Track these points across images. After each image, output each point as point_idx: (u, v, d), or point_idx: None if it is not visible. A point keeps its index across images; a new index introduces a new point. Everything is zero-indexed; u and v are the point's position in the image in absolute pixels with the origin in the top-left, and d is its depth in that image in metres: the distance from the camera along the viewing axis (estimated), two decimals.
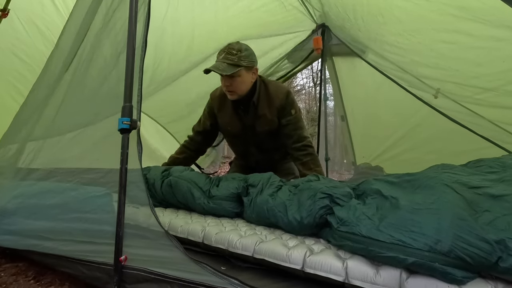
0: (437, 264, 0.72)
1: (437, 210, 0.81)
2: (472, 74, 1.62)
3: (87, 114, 1.29)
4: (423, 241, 0.75)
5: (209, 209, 1.33)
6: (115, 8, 1.19)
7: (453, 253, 0.72)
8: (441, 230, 0.75)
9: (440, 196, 0.85)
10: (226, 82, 1.62)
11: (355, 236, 0.86)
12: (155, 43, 2.12)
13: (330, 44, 2.62)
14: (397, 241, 0.78)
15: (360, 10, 1.97)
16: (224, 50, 1.61)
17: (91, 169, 1.21)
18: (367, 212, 0.90)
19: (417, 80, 1.95)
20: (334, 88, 2.96)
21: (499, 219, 0.78)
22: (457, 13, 1.46)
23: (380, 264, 0.81)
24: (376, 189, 0.98)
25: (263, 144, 1.87)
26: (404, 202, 0.86)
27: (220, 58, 1.59)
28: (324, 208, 1.01)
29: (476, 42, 1.52)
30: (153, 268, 0.91)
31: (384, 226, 0.82)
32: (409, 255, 0.75)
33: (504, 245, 0.72)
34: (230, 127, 1.83)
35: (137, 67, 1.05)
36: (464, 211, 0.80)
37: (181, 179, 1.44)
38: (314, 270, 0.86)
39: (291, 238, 1.05)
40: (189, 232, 1.17)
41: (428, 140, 2.30)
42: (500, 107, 1.60)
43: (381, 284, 0.77)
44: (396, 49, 1.95)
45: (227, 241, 1.05)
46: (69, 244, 1.12)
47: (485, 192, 0.88)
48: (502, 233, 0.74)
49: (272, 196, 1.18)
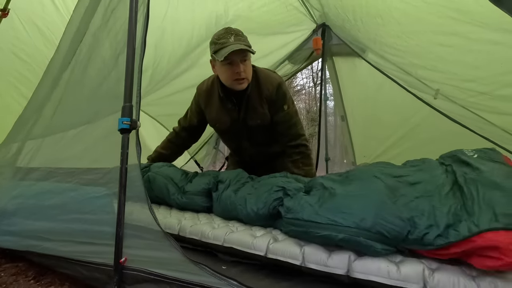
0: (361, 238, 0.86)
1: (364, 195, 0.96)
2: (469, 77, 1.63)
3: (86, 113, 1.30)
4: (351, 220, 0.89)
5: (182, 204, 1.42)
6: (114, 8, 1.19)
7: (374, 228, 0.86)
8: (365, 210, 0.90)
9: (369, 185, 1.01)
10: (240, 68, 1.45)
11: (298, 221, 0.98)
12: (155, 42, 2.12)
13: (330, 44, 2.62)
14: (331, 221, 0.91)
15: (359, 11, 1.97)
16: (228, 33, 1.44)
17: (90, 170, 1.22)
18: (310, 201, 1.02)
19: (417, 81, 1.95)
20: (334, 88, 2.96)
21: (412, 202, 0.93)
22: (455, 15, 1.46)
23: (333, 249, 0.92)
24: (320, 183, 1.10)
25: (256, 138, 1.74)
26: (340, 191, 1.00)
27: (233, 40, 1.42)
28: (278, 200, 1.12)
29: (473, 45, 1.52)
30: (153, 268, 0.92)
31: (322, 210, 0.96)
32: (340, 232, 0.88)
33: (413, 221, 0.87)
34: (218, 124, 1.71)
35: (136, 67, 1.05)
36: (386, 196, 0.95)
37: (158, 174, 1.53)
38: (275, 256, 0.96)
39: (260, 230, 1.14)
40: (166, 225, 1.24)
41: (428, 140, 2.31)
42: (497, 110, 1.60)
43: (332, 266, 0.88)
44: (395, 51, 1.95)
45: (200, 232, 1.14)
46: (69, 245, 1.12)
47: (405, 180, 1.03)
48: (412, 212, 0.89)
49: (235, 192, 1.28)
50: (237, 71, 1.46)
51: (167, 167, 1.63)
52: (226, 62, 1.44)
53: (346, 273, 0.86)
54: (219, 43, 1.43)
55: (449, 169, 1.06)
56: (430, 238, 0.83)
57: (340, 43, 2.51)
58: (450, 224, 0.83)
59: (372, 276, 0.82)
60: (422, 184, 0.99)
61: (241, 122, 1.66)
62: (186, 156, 3.22)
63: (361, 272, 0.84)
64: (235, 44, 1.40)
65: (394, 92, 2.24)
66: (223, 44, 1.42)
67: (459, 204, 0.88)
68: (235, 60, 1.44)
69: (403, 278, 0.79)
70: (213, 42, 1.47)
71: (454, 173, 1.01)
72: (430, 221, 0.85)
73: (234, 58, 1.43)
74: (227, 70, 1.48)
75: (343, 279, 0.86)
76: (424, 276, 0.78)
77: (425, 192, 0.95)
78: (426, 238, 0.83)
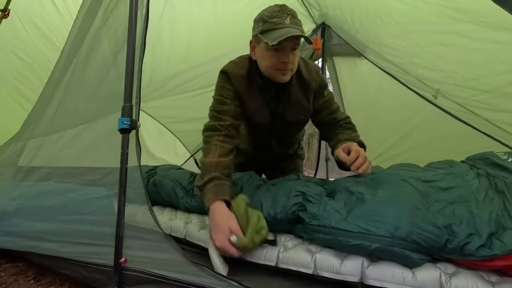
0: (397, 248, 0.81)
1: (397, 201, 0.91)
2: (470, 76, 1.62)
3: (85, 113, 1.30)
4: (385, 228, 0.84)
5: (191, 207, 1.38)
6: (113, 8, 1.20)
7: (410, 237, 0.81)
8: (399, 218, 0.85)
9: (399, 190, 0.96)
10: (288, 58, 1.21)
11: (326, 228, 0.93)
12: (152, 42, 2.09)
13: (330, 44, 2.62)
14: (362, 229, 0.86)
15: (357, 12, 1.96)
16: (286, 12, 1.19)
17: (90, 170, 1.22)
18: (336, 206, 0.97)
19: (417, 81, 1.95)
20: (334, 88, 2.96)
21: (447, 208, 0.88)
22: (456, 15, 1.45)
23: (345, 255, 0.89)
24: (344, 186, 1.06)
25: (287, 136, 1.55)
26: (369, 196, 0.96)
27: (288, 23, 1.17)
28: (297, 205, 1.06)
29: (474, 44, 1.51)
30: (153, 269, 0.91)
31: (351, 217, 0.91)
32: (373, 241, 0.83)
33: (450, 229, 0.82)
34: (258, 116, 1.39)
35: (136, 67, 1.05)
36: (418, 201, 0.90)
37: (165, 178, 1.50)
38: (286, 265, 0.94)
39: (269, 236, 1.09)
40: (171, 228, 1.22)
41: (428, 140, 2.30)
42: (499, 109, 1.60)
43: (345, 273, 0.85)
44: (394, 51, 1.94)
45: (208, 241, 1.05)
46: (69, 245, 1.12)
47: (436, 185, 0.99)
48: (448, 219, 0.84)
49: (249, 195, 1.21)
50: (285, 60, 1.21)
51: (174, 170, 1.62)
52: (273, 47, 1.18)
53: (360, 280, 0.83)
54: (271, 22, 1.17)
55: (481, 172, 1.01)
56: (471, 248, 0.78)
57: (340, 43, 2.51)
58: (493, 233, 0.79)
59: (387, 283, 0.80)
60: (456, 189, 0.94)
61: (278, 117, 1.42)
62: (186, 155, 3.21)
63: (375, 279, 0.81)
64: (292, 28, 1.15)
65: (394, 92, 2.24)
66: (277, 25, 1.16)
67: (499, 210, 0.84)
68: (285, 47, 1.19)
69: (419, 284, 0.77)
70: (263, 19, 1.20)
71: (487, 176, 0.97)
72: (470, 229, 0.80)
73: (285, 44, 1.17)
74: (272, 57, 1.22)
75: (357, 285, 0.84)
76: (441, 282, 0.75)
77: (460, 197, 0.91)
78: (467, 248, 0.78)
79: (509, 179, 0.92)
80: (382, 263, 0.83)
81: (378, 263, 0.84)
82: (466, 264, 0.81)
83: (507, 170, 0.96)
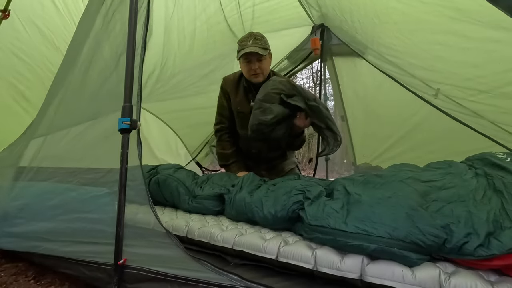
0: (395, 249, 0.82)
1: (394, 203, 0.92)
2: (468, 75, 1.62)
3: (86, 112, 1.30)
4: (383, 230, 0.85)
5: (192, 208, 1.41)
6: (115, 10, 1.20)
7: (408, 238, 0.82)
8: (397, 219, 0.86)
9: (396, 191, 0.97)
10: (255, 65, 1.80)
11: (325, 228, 0.94)
12: (163, 42, 2.10)
13: (330, 44, 2.62)
14: (361, 231, 0.87)
15: (356, 12, 1.96)
16: (250, 37, 1.80)
17: (91, 169, 1.22)
18: (334, 207, 0.99)
19: (416, 81, 1.95)
20: (334, 88, 2.96)
21: (445, 207, 0.89)
22: (453, 14, 1.45)
23: (345, 253, 0.90)
24: (342, 187, 1.08)
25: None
26: (366, 198, 0.97)
27: (250, 44, 1.76)
28: (298, 203, 1.09)
29: (472, 43, 1.51)
30: (153, 267, 0.92)
31: (350, 219, 0.92)
32: (372, 242, 0.85)
33: (448, 229, 0.83)
34: (240, 107, 1.95)
35: (136, 67, 1.05)
36: (416, 202, 0.91)
37: (169, 177, 1.52)
38: (286, 259, 0.94)
39: (269, 232, 1.12)
40: (173, 227, 1.23)
41: (428, 140, 2.30)
42: (498, 109, 1.60)
43: (345, 270, 0.86)
44: (392, 52, 1.95)
45: (209, 235, 1.12)
46: (70, 245, 1.13)
47: (434, 185, 1.00)
48: (447, 218, 0.85)
49: (250, 193, 1.26)
50: (253, 67, 1.81)
51: (175, 169, 1.65)
52: (245, 60, 1.81)
53: (359, 277, 0.84)
54: (240, 45, 1.81)
55: (479, 172, 1.02)
56: (469, 248, 0.78)
57: (340, 43, 2.51)
58: (491, 232, 0.79)
59: (387, 281, 0.80)
60: (454, 189, 0.95)
61: None
62: (187, 156, 3.22)
63: (375, 277, 0.82)
64: (250, 47, 1.75)
65: (394, 92, 2.24)
66: (242, 46, 1.79)
67: (497, 209, 0.84)
68: (252, 59, 1.79)
69: (419, 283, 0.77)
70: (238, 43, 1.85)
71: (486, 176, 0.97)
72: (468, 229, 0.81)
73: (251, 57, 1.78)
74: (245, 66, 1.85)
75: (357, 283, 0.84)
76: (440, 281, 0.75)
77: (458, 197, 0.91)
78: (466, 247, 0.79)
79: (507, 178, 0.92)
80: (382, 261, 0.84)
81: (378, 261, 0.85)
82: (465, 264, 0.81)
83: (506, 170, 0.97)
